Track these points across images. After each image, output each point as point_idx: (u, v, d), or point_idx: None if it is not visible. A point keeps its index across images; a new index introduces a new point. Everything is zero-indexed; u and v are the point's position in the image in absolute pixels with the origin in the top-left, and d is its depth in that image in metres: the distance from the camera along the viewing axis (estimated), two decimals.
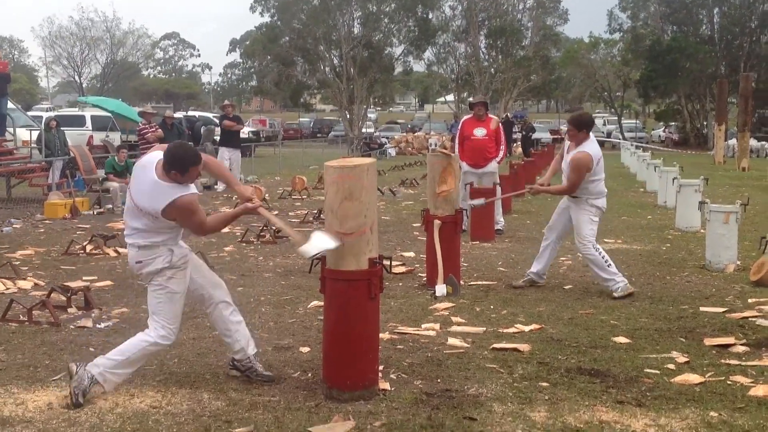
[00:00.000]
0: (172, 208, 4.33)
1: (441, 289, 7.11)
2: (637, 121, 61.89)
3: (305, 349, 5.45)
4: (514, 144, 33.38)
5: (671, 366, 5.04)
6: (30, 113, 25.36)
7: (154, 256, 4.45)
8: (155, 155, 4.43)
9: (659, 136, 54.39)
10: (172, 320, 4.50)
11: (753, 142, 33.19)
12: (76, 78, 75.92)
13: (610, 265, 7.00)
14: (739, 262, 8.29)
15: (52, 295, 6.64)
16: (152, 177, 4.34)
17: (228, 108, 18.90)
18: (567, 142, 7.24)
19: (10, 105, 17.20)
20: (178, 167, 4.32)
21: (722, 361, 5.15)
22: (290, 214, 13.45)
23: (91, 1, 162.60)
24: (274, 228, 10.63)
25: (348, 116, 42.60)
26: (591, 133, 7.09)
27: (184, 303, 4.62)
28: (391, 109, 76.04)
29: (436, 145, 34.94)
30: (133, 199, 4.44)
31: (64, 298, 6.62)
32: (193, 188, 4.45)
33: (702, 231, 10.08)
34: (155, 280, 4.48)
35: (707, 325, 6.04)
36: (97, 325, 6.12)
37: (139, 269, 4.51)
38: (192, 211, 4.39)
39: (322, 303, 5.30)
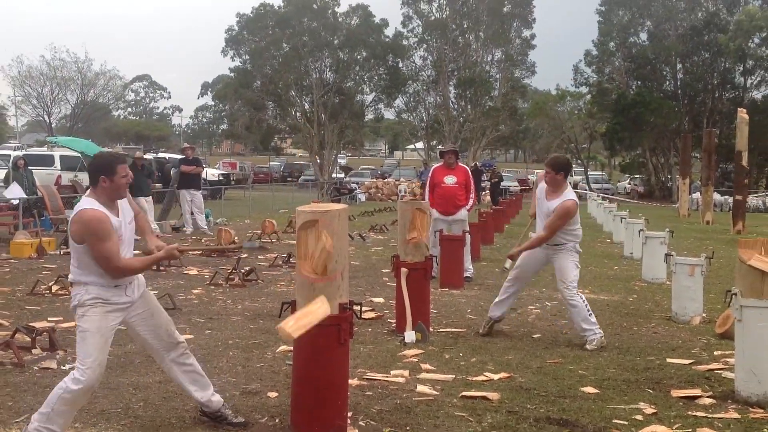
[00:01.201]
0: (76, 219, 4.19)
1: (410, 335, 7.11)
2: (603, 173, 62.88)
3: (273, 394, 5.40)
4: (483, 192, 33.70)
5: (639, 417, 5.07)
6: None
7: (74, 293, 4.33)
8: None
9: (625, 187, 55.25)
10: (84, 360, 4.22)
11: (716, 196, 33.85)
12: (46, 118, 75.39)
13: (591, 314, 7.04)
14: (704, 315, 8.39)
15: (16, 335, 6.52)
16: (80, 201, 4.36)
17: (187, 151, 18.90)
18: (541, 185, 7.22)
19: None
20: (105, 171, 4.23)
21: (689, 413, 5.19)
22: (260, 257, 13.40)
23: (63, 41, 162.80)
24: (243, 271, 10.59)
25: (318, 161, 42.78)
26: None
27: (105, 344, 4.30)
28: (361, 155, 76.50)
29: (405, 191, 35.16)
30: None
31: (28, 339, 6.50)
32: (105, 211, 4.22)
33: (668, 283, 10.20)
34: (77, 320, 4.32)
35: (674, 377, 6.09)
36: (62, 367, 6.01)
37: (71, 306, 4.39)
38: (94, 231, 4.13)
39: (290, 348, 5.27)
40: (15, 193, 8.12)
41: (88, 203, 4.23)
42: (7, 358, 6.12)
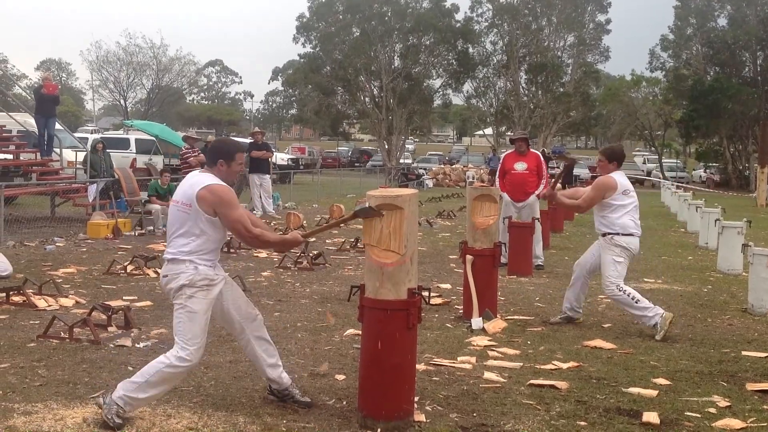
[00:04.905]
0: (207, 192, 4.33)
1: (477, 322, 7.08)
2: (678, 161, 61.29)
3: (341, 377, 5.45)
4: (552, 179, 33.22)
5: (712, 410, 4.95)
6: (76, 135, 25.88)
7: (178, 271, 4.37)
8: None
9: (700, 176, 53.78)
10: (191, 341, 4.35)
11: None
12: (121, 102, 77.39)
13: (638, 301, 6.91)
14: None
15: (93, 313, 6.73)
16: (194, 175, 4.52)
17: (257, 135, 19.06)
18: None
19: (57, 126, 17.57)
20: (224, 155, 4.44)
21: (764, 407, 5.04)
22: (327, 241, 13.51)
23: (139, 27, 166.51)
24: (311, 255, 10.69)
25: (386, 146, 42.82)
26: (620, 169, 7.19)
27: (207, 325, 4.46)
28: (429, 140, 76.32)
29: (473, 178, 34.95)
30: (173, 200, 4.53)
31: (104, 317, 6.70)
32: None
33: (744, 274, 9.92)
34: (177, 299, 4.40)
35: (749, 370, 5.93)
36: (136, 345, 6.18)
37: (165, 284, 4.45)
38: (228, 201, 4.35)
39: (358, 331, 5.31)
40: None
41: (212, 179, 4.41)
42: (84, 335, 6.32)
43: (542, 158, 11.18)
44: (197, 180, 4.43)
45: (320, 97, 44.30)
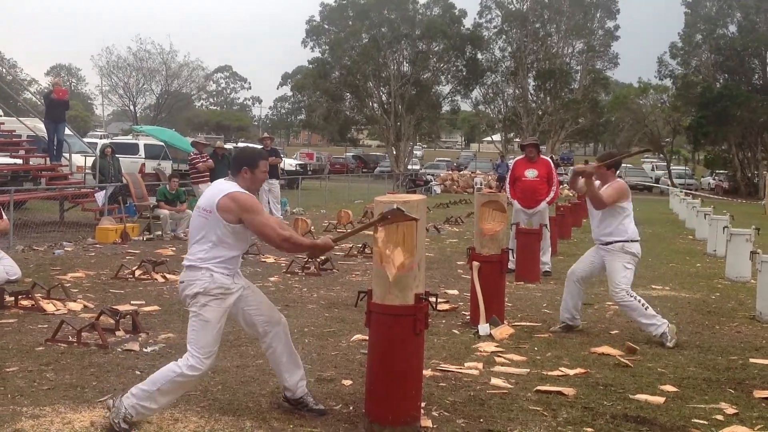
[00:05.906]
0: (228, 200, 4.36)
1: (484, 328, 7.08)
2: (687, 168, 61.12)
3: (348, 382, 5.45)
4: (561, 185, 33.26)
5: (719, 417, 4.94)
6: (85, 140, 25.98)
7: (194, 279, 4.40)
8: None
9: (709, 183, 53.64)
10: (202, 349, 4.35)
11: None
12: (131, 107, 77.68)
13: (647, 308, 6.91)
14: None
15: (101, 317, 6.75)
16: (219, 183, 4.56)
17: (266, 141, 19.09)
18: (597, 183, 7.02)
19: (67, 131, 17.65)
20: (248, 162, 4.52)
21: None
22: (335, 247, 13.51)
23: (149, 33, 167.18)
24: (318, 260, 10.70)
25: (394, 152, 42.86)
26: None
27: (220, 334, 4.47)
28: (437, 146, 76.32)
29: (481, 184, 34.95)
30: (197, 206, 4.56)
31: (112, 321, 6.72)
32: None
33: (752, 281, 9.89)
34: (192, 306, 4.42)
35: (757, 377, 5.91)
36: (144, 349, 6.20)
37: (181, 290, 4.48)
38: (251, 207, 4.38)
39: (365, 336, 5.31)
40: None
41: (234, 187, 4.46)
42: (92, 339, 6.35)
43: (552, 165, 11.16)
44: (220, 188, 4.48)
45: (329, 102, 44.41)
